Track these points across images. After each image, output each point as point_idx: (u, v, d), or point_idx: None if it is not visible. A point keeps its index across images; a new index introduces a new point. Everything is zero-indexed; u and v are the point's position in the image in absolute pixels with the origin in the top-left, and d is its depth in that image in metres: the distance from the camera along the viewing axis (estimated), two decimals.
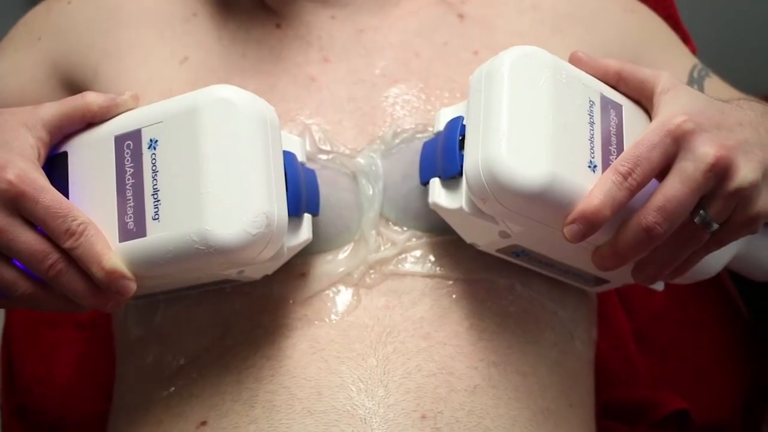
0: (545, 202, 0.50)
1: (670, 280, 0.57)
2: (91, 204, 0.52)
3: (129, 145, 0.52)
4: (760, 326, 0.79)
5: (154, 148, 0.51)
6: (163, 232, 0.50)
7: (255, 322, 0.58)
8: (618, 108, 0.54)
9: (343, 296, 0.57)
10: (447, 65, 0.64)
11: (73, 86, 0.68)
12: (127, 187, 0.52)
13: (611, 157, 0.53)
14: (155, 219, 0.50)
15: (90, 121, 0.54)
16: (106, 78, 0.67)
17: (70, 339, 0.78)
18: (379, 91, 0.63)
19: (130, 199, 0.51)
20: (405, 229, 0.59)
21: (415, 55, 0.65)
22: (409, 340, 0.55)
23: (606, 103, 0.54)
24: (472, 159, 0.51)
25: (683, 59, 0.72)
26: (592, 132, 0.52)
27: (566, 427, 0.59)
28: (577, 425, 0.61)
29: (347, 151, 0.60)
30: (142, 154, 0.52)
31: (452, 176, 0.55)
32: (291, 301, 0.58)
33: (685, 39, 0.83)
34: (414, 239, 0.59)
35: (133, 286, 0.51)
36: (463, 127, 0.55)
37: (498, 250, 0.57)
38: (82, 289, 0.51)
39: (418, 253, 0.58)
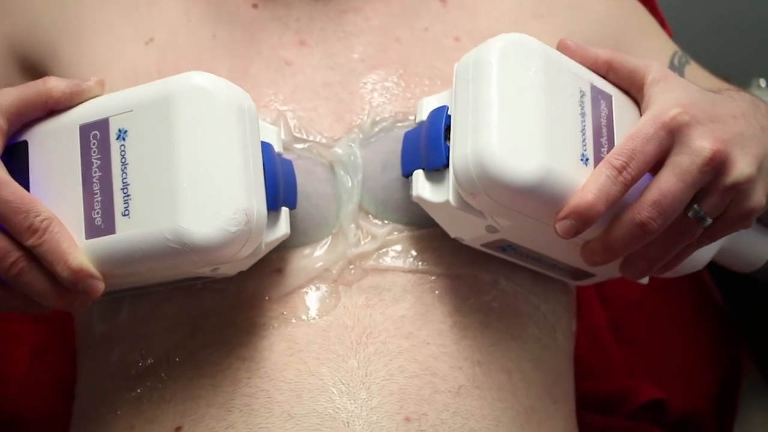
0: (538, 197, 0.48)
1: (660, 275, 0.55)
2: (54, 198, 0.49)
3: (95, 135, 0.49)
4: (733, 315, 0.79)
5: (123, 139, 0.48)
6: (134, 229, 0.47)
7: (228, 320, 0.55)
8: (608, 98, 0.53)
9: (322, 293, 0.55)
10: (427, 52, 0.62)
11: (30, 67, 0.64)
12: (94, 180, 0.48)
13: (603, 150, 0.51)
14: (125, 215, 0.47)
15: (52, 108, 0.50)
16: (66, 58, 0.63)
17: (26, 332, 0.74)
18: (356, 77, 0.60)
19: (97, 194, 0.48)
20: (385, 222, 0.56)
21: (395, 41, 0.62)
22: (390, 341, 0.53)
23: (596, 94, 0.52)
24: (461, 152, 0.49)
25: (664, 46, 0.71)
26: (583, 123, 0.51)
27: (550, 423, 0.58)
28: (561, 421, 0.59)
29: (323, 140, 0.57)
30: (110, 145, 0.48)
31: (437, 168, 0.52)
32: (266, 298, 0.55)
33: (662, 23, 0.81)
34: (395, 233, 0.56)
35: (101, 286, 0.48)
36: (449, 117, 0.52)
37: (483, 245, 0.55)
38: (46, 289, 0.48)
39: (399, 247, 0.56)
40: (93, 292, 0.48)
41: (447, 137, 0.52)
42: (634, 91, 0.54)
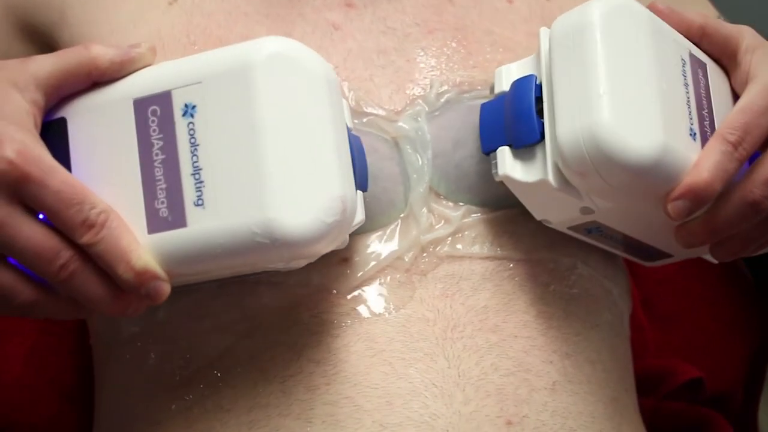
0: (654, 177, 0.44)
1: (752, 254, 0.52)
2: (103, 186, 0.42)
3: (155, 111, 0.42)
4: (762, 289, 0.77)
5: (191, 116, 0.41)
6: (211, 221, 0.40)
7: (291, 319, 0.49)
8: (704, 67, 0.49)
9: (396, 284, 0.49)
10: (483, 14, 0.56)
11: (32, 32, 0.56)
12: (156, 164, 0.41)
13: (706, 123, 0.47)
14: (198, 205, 0.41)
15: (97, 80, 0.43)
16: (75, 21, 0.55)
17: (20, 329, 0.66)
18: (412, 42, 0.54)
19: (160, 180, 0.41)
20: (459, 204, 0.51)
21: (448, 2, 0.56)
22: (477, 335, 0.48)
23: (694, 62, 0.48)
24: (568, 127, 0.44)
25: (707, 11, 0.67)
26: (687, 95, 0.47)
27: (628, 413, 0.54)
28: (633, 409, 0.56)
29: (383, 113, 0.52)
30: (174, 122, 0.41)
31: (527, 145, 0.47)
32: (334, 292, 0.49)
33: None
34: (470, 216, 0.51)
35: (167, 289, 0.41)
36: (538, 87, 0.47)
37: (570, 227, 0.50)
38: (101, 294, 0.41)
39: (475, 231, 0.51)
40: (158, 295, 0.41)
41: (539, 111, 0.47)
42: (725, 58, 0.50)
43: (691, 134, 0.46)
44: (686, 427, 0.65)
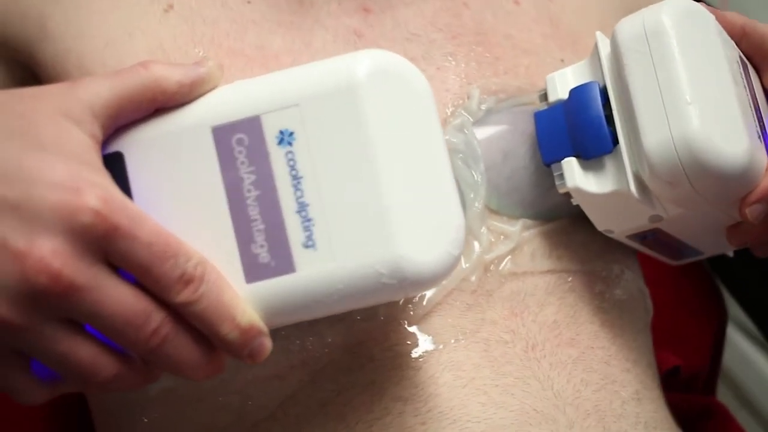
0: (741, 183, 0.44)
1: None
2: (183, 232, 0.36)
3: (241, 141, 0.36)
4: (718, 272, 0.80)
5: (289, 144, 0.36)
6: (326, 264, 0.35)
7: (363, 357, 0.44)
8: (747, 68, 0.49)
9: (465, 308, 0.46)
10: (497, 17, 0.54)
11: (6, 51, 0.47)
12: (248, 202, 0.36)
13: (763, 124, 0.48)
14: (308, 246, 0.36)
15: (161, 105, 0.37)
16: (60, 35, 0.47)
17: None
18: (438, 48, 0.51)
19: (256, 220, 0.36)
20: (514, 218, 0.49)
21: (463, 5, 0.53)
22: (558, 351, 0.46)
23: (744, 63, 0.48)
24: (657, 137, 0.42)
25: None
26: (748, 96, 0.47)
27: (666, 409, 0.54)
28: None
29: None
30: (268, 153, 0.36)
31: (598, 155, 0.46)
32: (404, 323, 0.45)
33: None
34: (528, 230, 0.49)
35: (270, 345, 0.36)
36: (602, 94, 0.46)
37: (629, 236, 0.49)
38: (194, 359, 0.35)
39: (532, 245, 0.49)
40: (262, 354, 0.36)
41: (609, 121, 0.45)
42: (758, 57, 0.50)
43: (759, 136, 0.46)
44: (685, 417, 0.66)
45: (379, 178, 0.36)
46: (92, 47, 0.47)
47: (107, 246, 0.32)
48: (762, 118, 0.48)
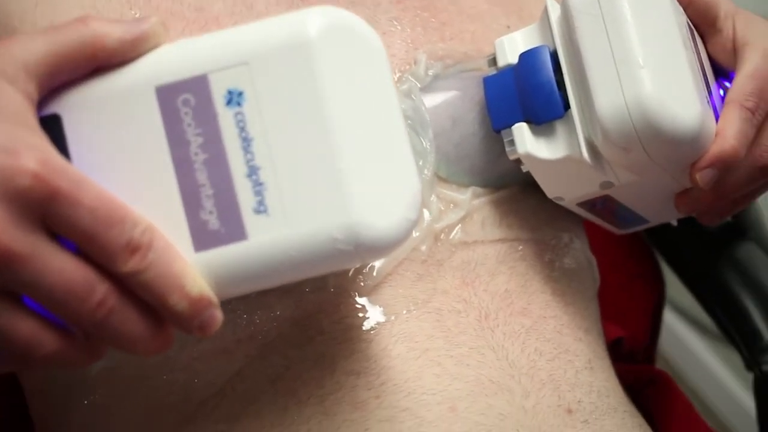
0: (693, 147, 0.44)
1: (728, 216, 0.54)
2: (128, 198, 0.33)
3: (187, 101, 0.34)
4: (653, 240, 0.81)
5: (238, 104, 0.34)
6: (279, 230, 0.34)
7: (312, 329, 0.43)
8: (694, 34, 0.49)
9: (416, 278, 0.45)
10: None
11: None
12: (195, 166, 0.34)
13: (711, 90, 0.48)
14: (260, 212, 0.34)
15: (101, 64, 0.34)
16: None
17: None
18: (384, 12, 0.50)
19: (204, 185, 0.34)
20: (465, 186, 0.48)
21: None
22: (511, 320, 0.46)
23: (691, 29, 0.48)
24: (610, 102, 0.42)
25: None
26: (695, 61, 0.47)
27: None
28: None
29: None
30: (216, 114, 0.34)
31: (549, 120, 0.45)
32: (353, 294, 0.44)
33: None
34: (478, 198, 0.48)
35: (220, 317, 0.34)
36: (552, 59, 0.45)
37: (580, 203, 0.49)
38: (141, 332, 0.33)
39: (481, 214, 0.48)
40: (212, 326, 0.34)
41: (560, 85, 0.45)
42: (703, 25, 0.50)
43: (706, 101, 0.46)
44: (630, 386, 0.67)
45: (334, 139, 0.34)
46: (22, 7, 0.44)
47: (47, 211, 0.30)
48: (708, 84, 0.48)
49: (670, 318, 1.26)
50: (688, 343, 1.31)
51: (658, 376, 0.65)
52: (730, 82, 0.49)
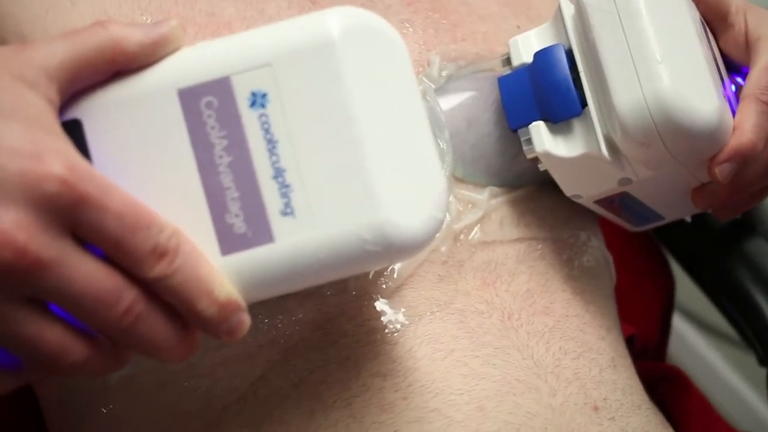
0: (712, 142, 0.43)
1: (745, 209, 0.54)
2: (152, 202, 0.33)
3: (210, 104, 0.34)
4: (660, 237, 0.81)
5: (263, 106, 0.34)
6: (307, 232, 0.34)
7: (335, 333, 0.43)
8: (706, 29, 0.49)
9: (437, 279, 0.45)
10: None
11: None
12: (220, 169, 0.34)
13: (725, 84, 0.48)
14: (287, 214, 0.34)
15: (121, 67, 0.34)
16: None
17: None
18: (395, 15, 0.50)
19: (230, 188, 0.34)
20: (480, 186, 0.47)
21: None
22: (534, 320, 0.45)
23: (703, 24, 0.48)
24: (629, 98, 0.42)
25: None
26: (709, 56, 0.47)
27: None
28: None
29: None
30: (240, 116, 0.34)
31: (566, 118, 0.45)
32: (375, 296, 0.44)
33: None
34: (495, 198, 0.48)
35: (248, 321, 0.34)
36: (568, 56, 0.45)
37: (597, 201, 0.49)
38: (168, 338, 0.32)
39: (499, 213, 0.48)
40: (240, 331, 0.33)
41: (576, 83, 0.45)
42: (715, 20, 0.50)
43: (723, 96, 0.46)
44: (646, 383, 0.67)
45: (359, 139, 0.34)
46: (32, 14, 0.44)
47: (74, 217, 0.30)
48: (722, 78, 0.48)
49: (677, 321, 1.26)
50: (695, 345, 1.31)
51: (670, 372, 0.65)
52: (742, 77, 0.49)
